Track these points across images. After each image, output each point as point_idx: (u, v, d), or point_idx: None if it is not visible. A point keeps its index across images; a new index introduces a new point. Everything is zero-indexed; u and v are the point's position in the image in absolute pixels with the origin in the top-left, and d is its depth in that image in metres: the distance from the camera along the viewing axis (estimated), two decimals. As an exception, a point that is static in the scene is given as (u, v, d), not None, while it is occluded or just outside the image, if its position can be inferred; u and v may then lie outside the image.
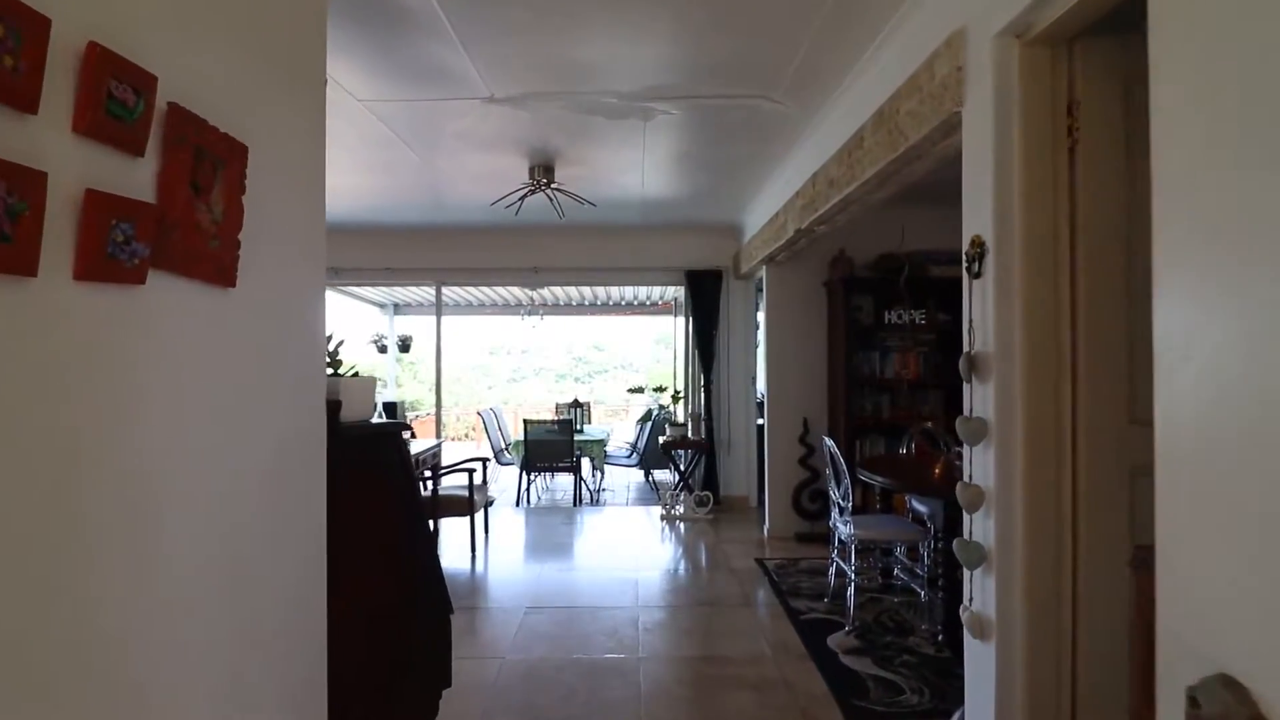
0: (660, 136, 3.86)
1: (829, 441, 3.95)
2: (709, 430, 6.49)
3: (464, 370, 27.80)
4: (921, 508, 4.15)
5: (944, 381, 5.37)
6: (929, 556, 3.79)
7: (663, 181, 4.83)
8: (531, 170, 4.28)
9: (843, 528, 3.84)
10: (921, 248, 5.49)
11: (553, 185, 4.31)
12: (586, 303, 10.35)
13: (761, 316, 7.31)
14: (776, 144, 3.97)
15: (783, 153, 4.11)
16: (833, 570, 4.10)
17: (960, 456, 4.24)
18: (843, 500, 3.83)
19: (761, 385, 6.88)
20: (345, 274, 6.65)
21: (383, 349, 10.45)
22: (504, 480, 8.75)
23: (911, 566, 3.93)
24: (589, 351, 29.51)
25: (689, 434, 6.34)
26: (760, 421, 6.66)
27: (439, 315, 6.83)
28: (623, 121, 3.57)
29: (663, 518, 6.17)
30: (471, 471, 5.23)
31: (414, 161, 4.22)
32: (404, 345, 10.37)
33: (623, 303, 10.46)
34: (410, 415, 12.27)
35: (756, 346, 6.73)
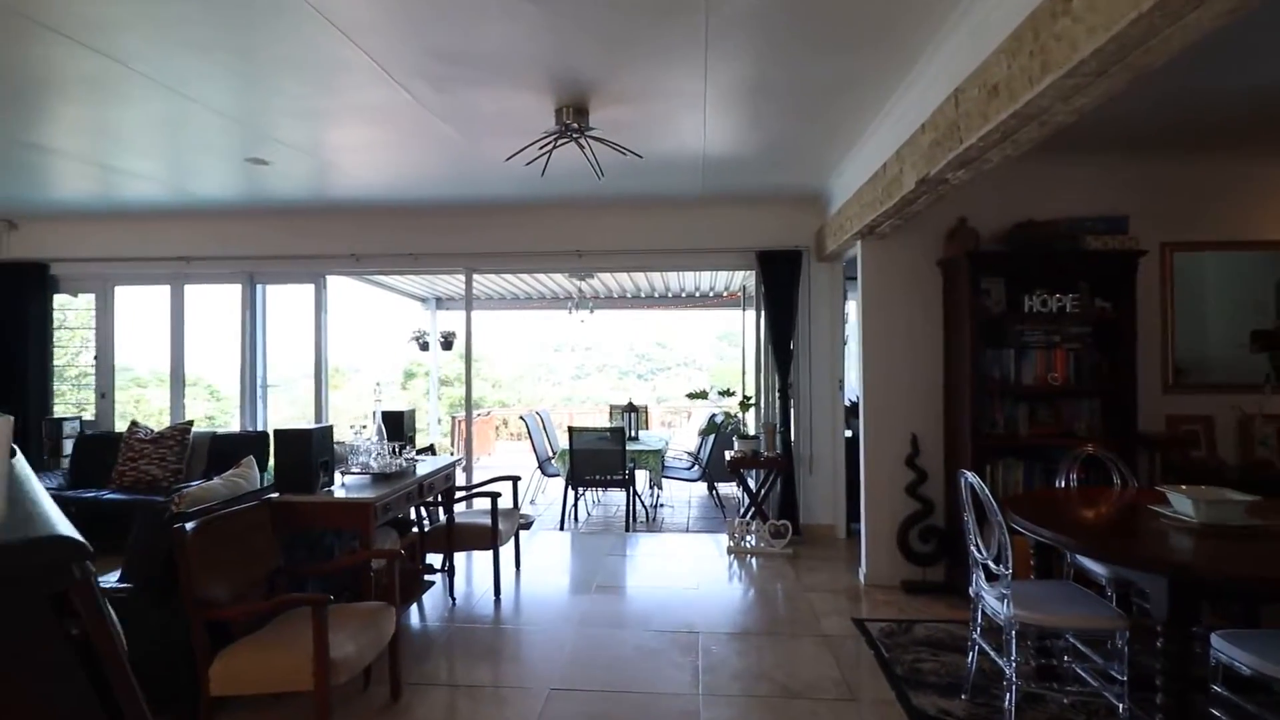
0: (728, 54, 2.78)
1: (972, 478, 2.78)
2: (786, 444, 5.35)
3: (527, 367, 27.32)
4: (1096, 568, 2.94)
5: (1102, 387, 4.09)
6: (1130, 650, 2.58)
7: (730, 130, 3.73)
8: (559, 113, 3.26)
9: (993, 601, 2.68)
10: (1070, 213, 4.22)
11: (587, 133, 3.28)
12: (643, 294, 9.32)
13: (852, 306, 6.11)
14: (894, 52, 2.81)
15: (901, 66, 2.95)
16: (974, 655, 2.93)
17: (1162, 498, 3.01)
18: (995, 562, 2.66)
19: (851, 391, 5.70)
20: (366, 260, 5.82)
21: (424, 346, 9.74)
22: (553, 492, 7.83)
23: (1106, 668, 2.72)
24: (651, 348, 28.63)
25: (761, 449, 5.22)
26: (849, 434, 5.48)
27: (469, 308, 5.92)
28: (676, 23, 2.50)
29: (730, 550, 5.07)
30: (495, 496, 4.28)
31: (407, 105, 3.26)
32: (447, 342, 9.62)
33: (682, 294, 9.38)
34: (462, 416, 11.54)
35: (844, 343, 5.55)
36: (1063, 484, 3.40)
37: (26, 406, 5.99)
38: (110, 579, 2.95)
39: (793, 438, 5.40)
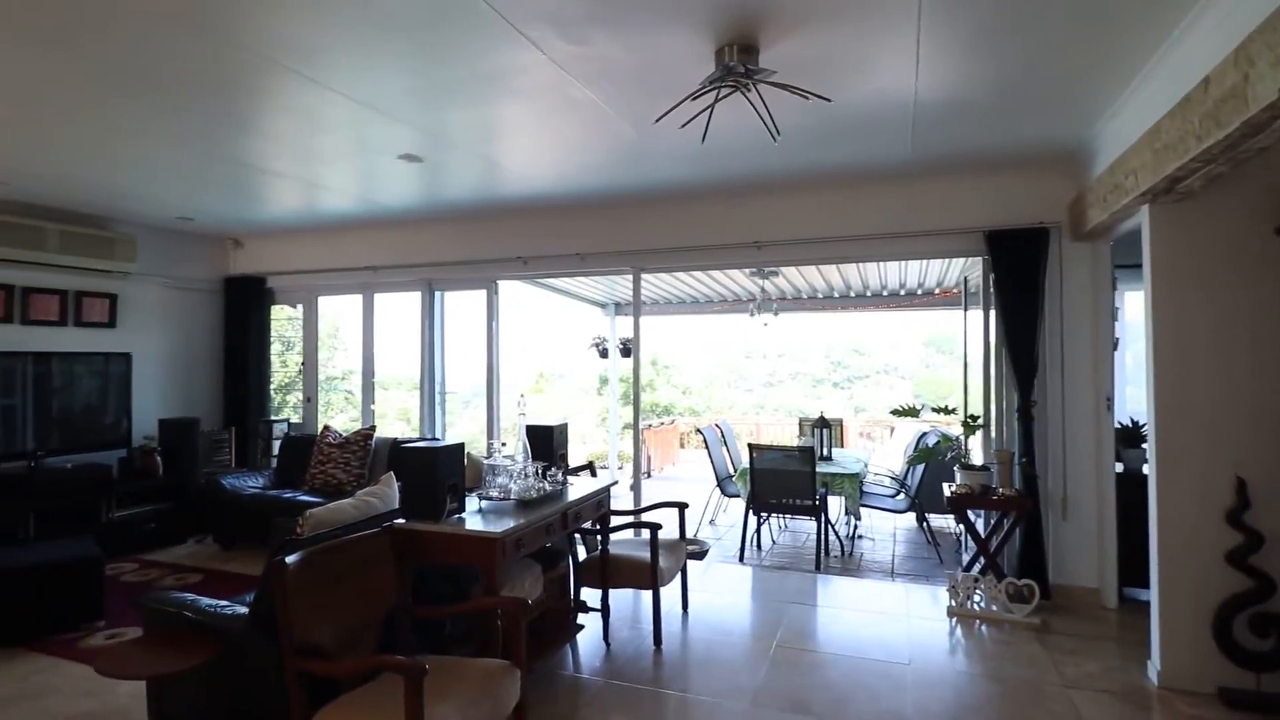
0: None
1: None
2: (1028, 479, 4.13)
3: (717, 373, 26.79)
4: None
5: None
6: None
7: (953, 60, 2.78)
8: (720, 54, 2.56)
9: None
10: None
11: (756, 77, 2.54)
12: (836, 294, 8.27)
13: (1126, 298, 4.70)
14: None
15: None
16: None
17: None
18: None
19: (1125, 412, 4.33)
20: (533, 263, 5.55)
21: (604, 353, 9.53)
22: (735, 512, 7.10)
23: None
24: (848, 355, 26.79)
25: (994, 484, 4.07)
26: (1121, 468, 4.14)
27: (637, 313, 5.40)
28: None
29: (952, 612, 3.99)
30: (655, 528, 3.66)
31: (540, 67, 2.76)
32: (625, 349, 9.31)
33: (883, 292, 8.17)
34: (646, 425, 11.23)
35: (1114, 347, 4.20)
36: None
37: (248, 409, 6.52)
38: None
39: (1038, 471, 4.16)
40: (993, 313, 4.45)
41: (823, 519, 5.40)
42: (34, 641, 3.62)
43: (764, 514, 5.75)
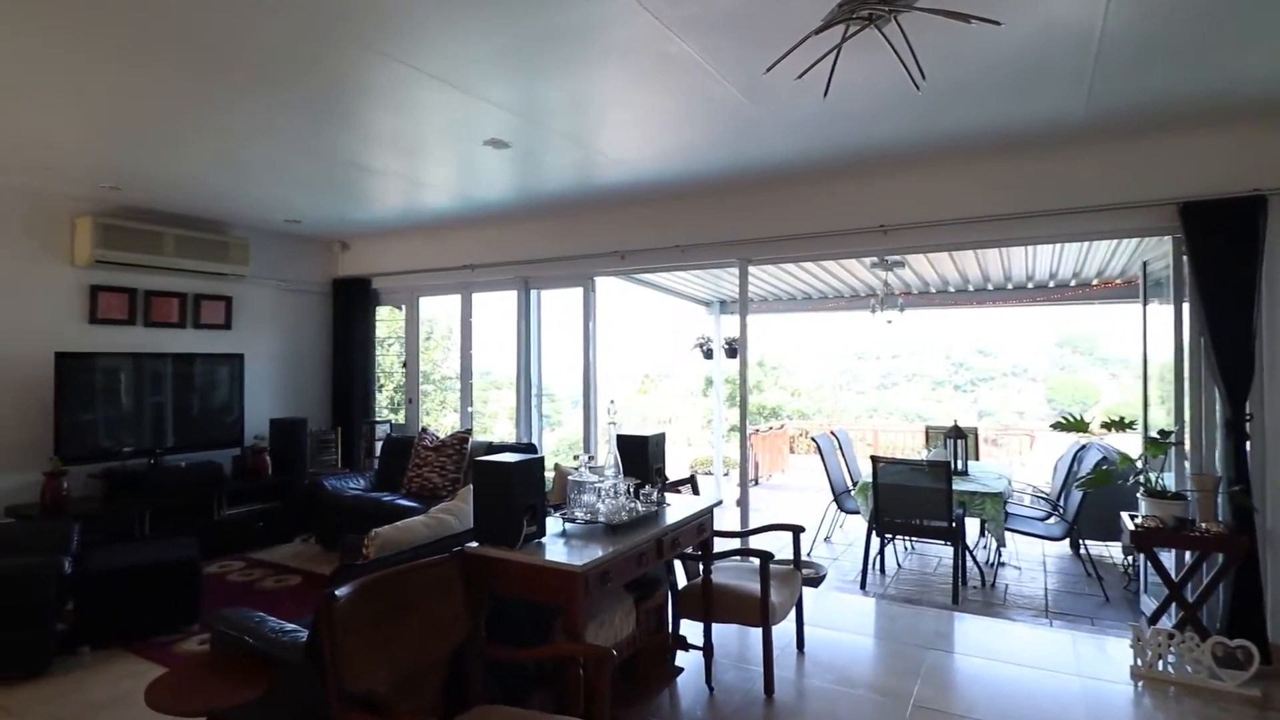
0: None
1: None
2: (1241, 513, 3.28)
3: (829, 374, 25.57)
4: None
5: None
6: None
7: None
8: (849, -21, 2.05)
9: None
10: None
11: (897, 3, 2.00)
12: (971, 287, 7.35)
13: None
14: None
15: None
16: None
17: None
18: None
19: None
20: (631, 258, 5.18)
21: (708, 353, 9.06)
22: (853, 529, 6.44)
23: None
24: (970, 355, 24.82)
25: (1193, 516, 3.27)
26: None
27: (743, 311, 4.88)
28: None
29: (1137, 674, 3.23)
30: (766, 558, 3.16)
31: (626, 15, 2.35)
32: (731, 349, 8.79)
33: (1028, 284, 7.18)
34: (753, 430, 10.65)
35: (1363, 345, 3.28)
36: None
37: (354, 409, 6.56)
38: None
39: (1255, 502, 3.30)
40: (1185, 305, 3.62)
41: (960, 547, 4.69)
42: (134, 642, 3.62)
43: (889, 535, 5.09)
